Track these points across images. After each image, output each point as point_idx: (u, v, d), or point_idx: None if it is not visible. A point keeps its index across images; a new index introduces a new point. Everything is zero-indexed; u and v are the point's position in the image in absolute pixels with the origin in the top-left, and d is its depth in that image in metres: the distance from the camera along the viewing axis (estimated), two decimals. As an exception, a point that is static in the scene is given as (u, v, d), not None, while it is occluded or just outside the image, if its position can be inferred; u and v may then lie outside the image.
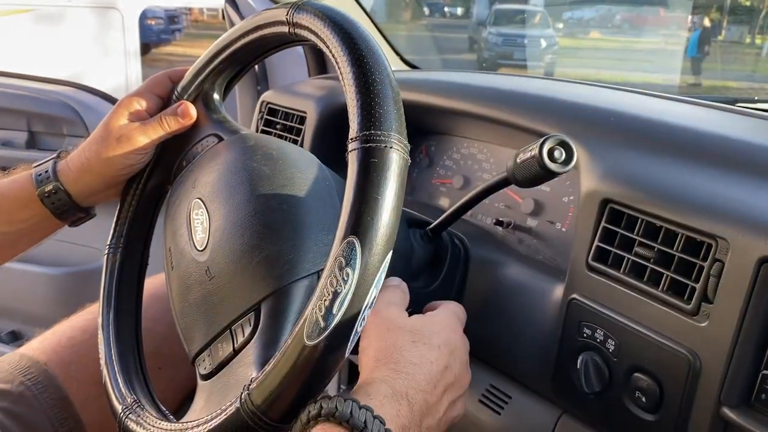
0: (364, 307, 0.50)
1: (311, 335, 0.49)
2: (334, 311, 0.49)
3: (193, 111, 0.77)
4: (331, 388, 1.37)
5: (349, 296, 0.49)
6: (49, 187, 0.81)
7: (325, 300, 0.49)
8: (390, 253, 0.51)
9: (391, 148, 0.52)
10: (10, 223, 0.84)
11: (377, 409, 0.51)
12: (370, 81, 0.54)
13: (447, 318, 0.65)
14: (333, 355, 0.50)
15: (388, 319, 0.61)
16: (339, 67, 0.57)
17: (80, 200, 0.81)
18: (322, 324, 0.49)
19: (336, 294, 0.49)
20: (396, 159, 0.52)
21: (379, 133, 0.52)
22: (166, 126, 0.77)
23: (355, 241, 0.49)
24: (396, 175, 0.52)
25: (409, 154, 0.54)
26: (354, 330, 0.50)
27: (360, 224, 0.50)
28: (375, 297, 0.51)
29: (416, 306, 0.73)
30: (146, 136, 0.76)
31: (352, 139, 0.53)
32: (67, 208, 0.83)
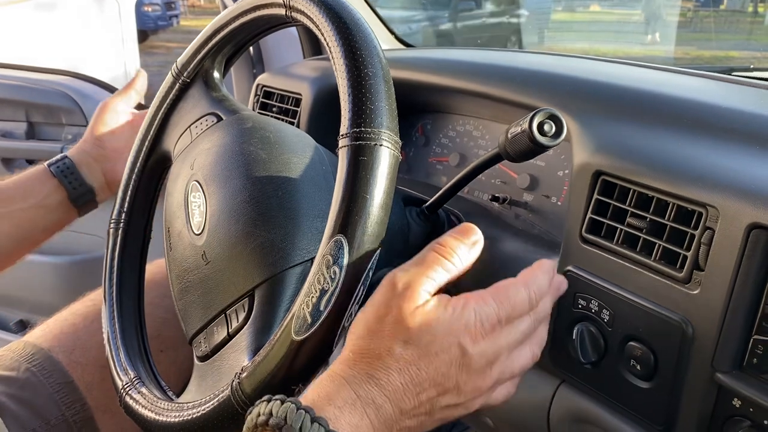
0: (351, 304, 0.51)
1: (299, 331, 0.50)
2: (321, 308, 0.50)
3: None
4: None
5: (335, 294, 0.50)
6: (61, 163, 0.94)
7: (312, 297, 0.50)
8: (378, 251, 0.52)
9: (381, 145, 0.52)
10: (25, 198, 0.92)
11: (333, 422, 0.48)
12: (362, 75, 0.53)
13: (462, 321, 0.54)
14: (320, 350, 0.51)
15: (397, 306, 0.53)
16: (333, 58, 0.56)
17: (88, 177, 0.96)
18: (309, 320, 0.50)
19: (323, 291, 0.50)
20: (386, 156, 0.52)
21: (369, 130, 0.52)
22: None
23: (342, 239, 0.50)
24: (385, 173, 0.52)
25: (407, 132, 0.54)
26: (341, 326, 0.51)
27: (348, 223, 0.50)
28: (362, 294, 0.51)
29: None
30: (122, 100, 1.02)
31: (342, 135, 0.52)
32: (79, 184, 0.95)
